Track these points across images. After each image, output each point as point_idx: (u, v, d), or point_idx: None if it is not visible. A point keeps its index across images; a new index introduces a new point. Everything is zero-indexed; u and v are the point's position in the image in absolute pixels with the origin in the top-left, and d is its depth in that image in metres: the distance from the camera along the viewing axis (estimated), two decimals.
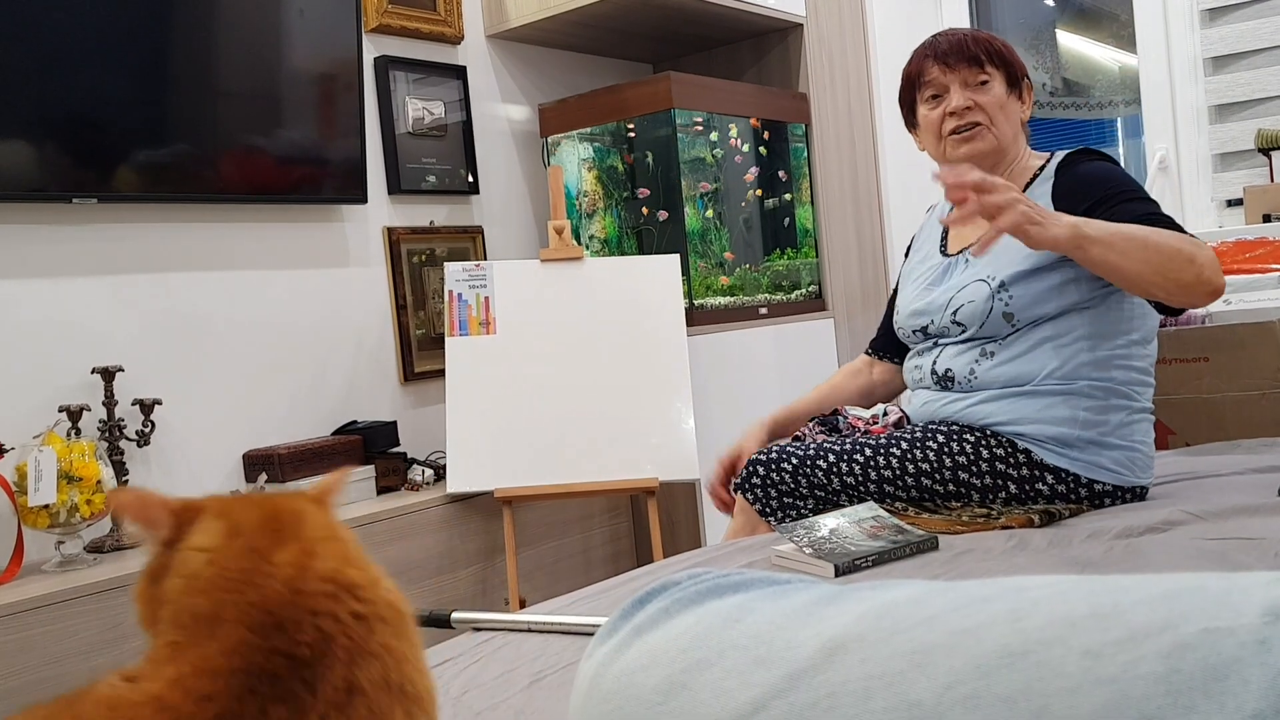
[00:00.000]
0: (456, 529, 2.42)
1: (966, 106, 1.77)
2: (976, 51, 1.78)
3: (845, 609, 0.53)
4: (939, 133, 1.81)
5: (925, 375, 1.81)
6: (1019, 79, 1.81)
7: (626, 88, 2.93)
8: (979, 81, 1.78)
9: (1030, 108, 1.84)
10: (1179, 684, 0.38)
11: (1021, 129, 1.83)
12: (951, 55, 1.78)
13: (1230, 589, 0.43)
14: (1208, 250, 1.53)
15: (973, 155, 1.78)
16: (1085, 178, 1.70)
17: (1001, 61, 1.79)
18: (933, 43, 1.82)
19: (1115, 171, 1.70)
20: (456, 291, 2.54)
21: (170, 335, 2.35)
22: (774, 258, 3.22)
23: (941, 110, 1.79)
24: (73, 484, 1.98)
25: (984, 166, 1.78)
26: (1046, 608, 0.45)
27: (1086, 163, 1.73)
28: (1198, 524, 1.46)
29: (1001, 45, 1.80)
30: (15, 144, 2.04)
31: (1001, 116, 1.77)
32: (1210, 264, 1.51)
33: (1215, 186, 3.26)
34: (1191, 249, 1.51)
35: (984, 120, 1.77)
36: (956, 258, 1.82)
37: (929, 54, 1.81)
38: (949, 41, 1.80)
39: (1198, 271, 1.49)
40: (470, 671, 1.17)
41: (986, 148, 1.78)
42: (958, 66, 1.78)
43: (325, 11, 2.53)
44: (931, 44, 1.82)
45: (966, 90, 1.78)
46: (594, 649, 0.64)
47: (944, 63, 1.79)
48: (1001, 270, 1.70)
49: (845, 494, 1.74)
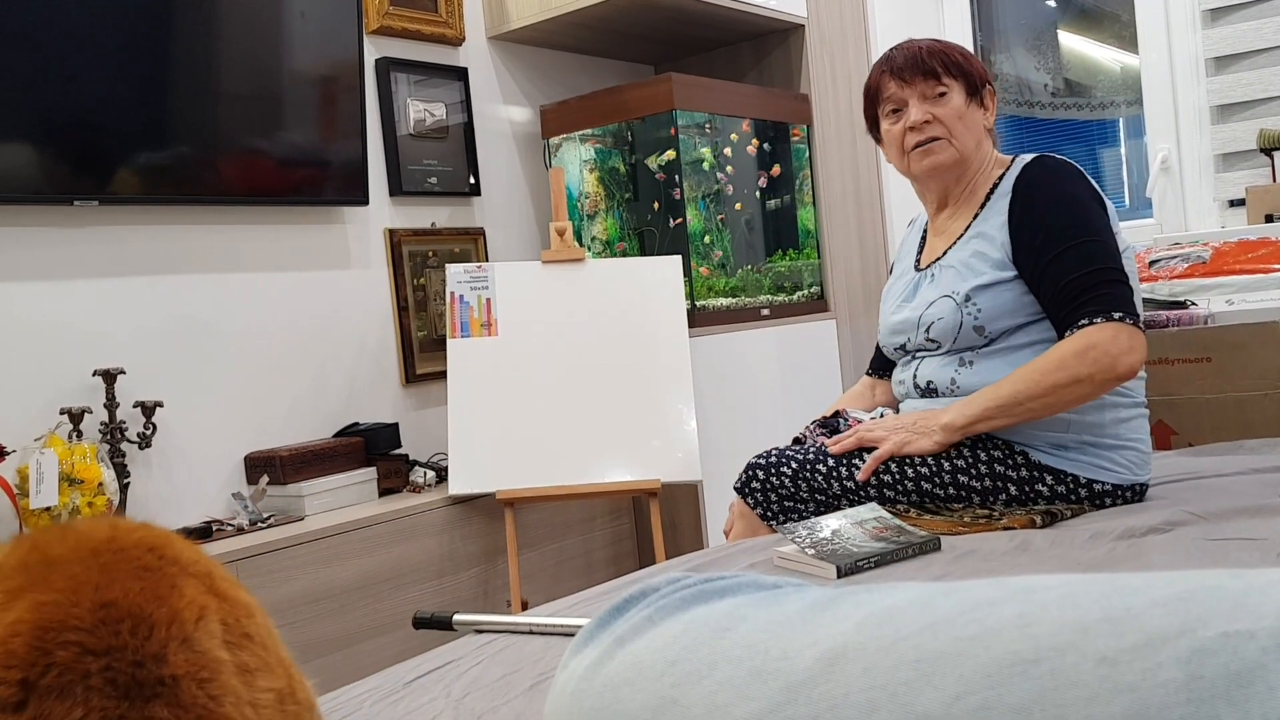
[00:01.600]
0: (458, 531, 2.42)
1: (925, 120, 1.76)
2: (932, 64, 1.77)
3: (843, 615, 0.52)
4: (901, 147, 1.81)
5: (909, 388, 1.82)
6: (979, 87, 1.80)
7: (628, 89, 2.92)
8: (937, 94, 1.77)
9: (994, 113, 1.83)
10: (1200, 691, 0.37)
11: (986, 135, 1.82)
12: (907, 70, 1.78)
13: (1248, 589, 0.42)
14: (1103, 342, 1.57)
15: (934, 168, 1.79)
16: (1035, 214, 1.68)
17: (959, 71, 1.77)
18: (889, 57, 1.82)
19: (1067, 200, 1.67)
20: (458, 293, 2.54)
21: (172, 337, 2.35)
22: (776, 259, 3.22)
23: (902, 125, 1.79)
24: (74, 486, 1.98)
25: (946, 178, 1.81)
26: (1056, 612, 0.43)
27: (1043, 183, 1.70)
28: (1200, 524, 1.45)
29: (959, 55, 1.79)
30: (16, 146, 2.04)
31: (961, 127, 1.76)
32: (1103, 366, 1.57)
33: (1217, 187, 3.26)
34: (1075, 366, 1.57)
35: (943, 133, 1.76)
36: (924, 273, 1.83)
37: (886, 69, 1.81)
38: (904, 55, 1.79)
39: (1090, 387, 1.59)
40: (472, 674, 1.17)
41: (947, 160, 1.78)
42: (914, 80, 1.77)
43: (326, 13, 2.52)
44: (888, 58, 1.82)
45: (925, 103, 1.77)
46: (569, 658, 0.61)
47: (900, 77, 1.79)
48: (964, 284, 1.71)
49: (845, 498, 1.73)
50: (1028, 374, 1.62)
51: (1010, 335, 1.70)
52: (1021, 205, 1.70)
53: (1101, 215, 1.68)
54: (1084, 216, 1.66)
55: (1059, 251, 1.64)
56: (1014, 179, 1.74)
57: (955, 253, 1.77)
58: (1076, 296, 1.61)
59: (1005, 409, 1.63)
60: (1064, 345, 1.61)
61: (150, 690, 0.56)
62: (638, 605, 0.62)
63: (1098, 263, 1.62)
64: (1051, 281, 1.64)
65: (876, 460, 1.70)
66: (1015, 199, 1.71)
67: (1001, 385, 1.65)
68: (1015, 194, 1.72)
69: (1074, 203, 1.67)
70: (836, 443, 1.76)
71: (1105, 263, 1.63)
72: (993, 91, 1.83)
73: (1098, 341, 1.58)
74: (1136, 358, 1.58)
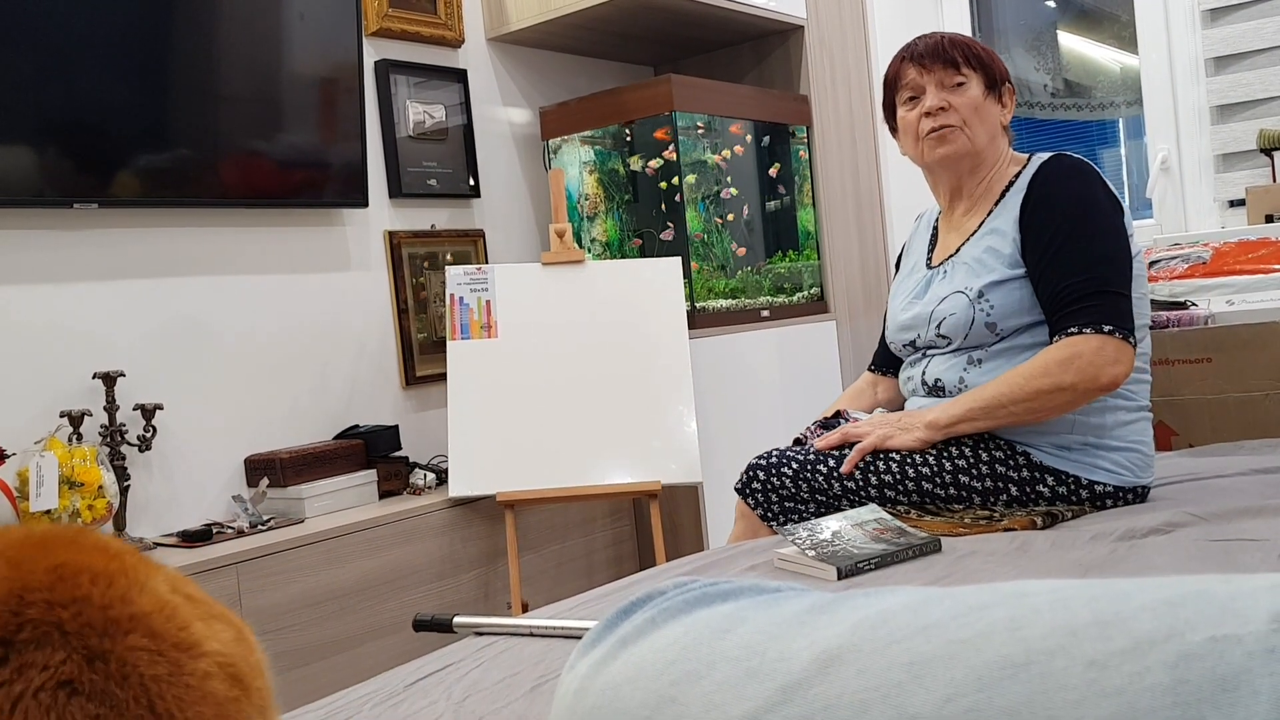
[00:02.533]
0: (458, 533, 2.42)
1: (941, 107, 1.77)
2: (953, 53, 1.78)
3: (839, 618, 0.52)
4: (916, 134, 1.81)
5: (917, 386, 1.82)
6: (998, 82, 1.80)
7: (627, 90, 2.92)
8: (955, 83, 1.77)
9: (1011, 111, 1.84)
10: (1186, 695, 0.37)
11: (1002, 132, 1.82)
12: (928, 56, 1.79)
13: (1235, 594, 0.42)
14: (1088, 352, 1.58)
15: (948, 157, 1.79)
16: (1045, 212, 1.68)
17: (979, 64, 1.78)
18: (910, 45, 1.83)
19: (1077, 200, 1.67)
20: (458, 295, 2.54)
21: (172, 340, 2.35)
22: (776, 260, 3.22)
23: (918, 111, 1.80)
24: (74, 489, 1.98)
25: (959, 169, 1.80)
26: (1047, 616, 0.44)
27: (1058, 180, 1.71)
28: (1201, 525, 1.45)
29: (981, 49, 1.80)
30: (16, 149, 2.04)
31: (976, 119, 1.77)
32: (1087, 376, 1.57)
33: (1217, 187, 3.26)
34: (1058, 374, 1.58)
35: (957, 122, 1.77)
36: (936, 270, 1.83)
37: (906, 56, 1.82)
38: (926, 44, 1.81)
39: (1073, 395, 1.59)
40: (472, 676, 1.17)
41: (961, 150, 1.78)
42: (933, 67, 1.78)
43: (325, 15, 2.53)
44: (909, 46, 1.83)
45: (942, 91, 1.78)
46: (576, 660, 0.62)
47: (920, 64, 1.80)
48: (977, 280, 1.71)
49: (846, 498, 1.73)
50: (1013, 378, 1.63)
51: (1021, 334, 1.69)
52: (1034, 203, 1.70)
53: (1113, 219, 1.67)
54: (1093, 220, 1.65)
55: (1061, 254, 1.64)
56: (1030, 176, 1.74)
57: (969, 249, 1.77)
58: (1071, 303, 1.62)
59: (988, 411, 1.64)
60: (1050, 352, 1.61)
61: (125, 625, 0.59)
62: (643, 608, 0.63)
63: (1097, 270, 1.62)
64: (1049, 283, 1.64)
65: (860, 452, 1.72)
66: (1029, 196, 1.71)
67: (986, 388, 1.65)
68: (1030, 191, 1.71)
69: (1085, 204, 1.67)
70: (823, 440, 1.77)
71: (1104, 271, 1.62)
72: (1012, 90, 1.84)
73: (1083, 351, 1.58)
74: (1121, 370, 1.58)
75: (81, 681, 0.55)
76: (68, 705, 0.55)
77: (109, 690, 0.56)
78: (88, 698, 0.55)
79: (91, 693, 0.56)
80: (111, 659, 0.57)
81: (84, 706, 0.55)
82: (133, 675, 0.57)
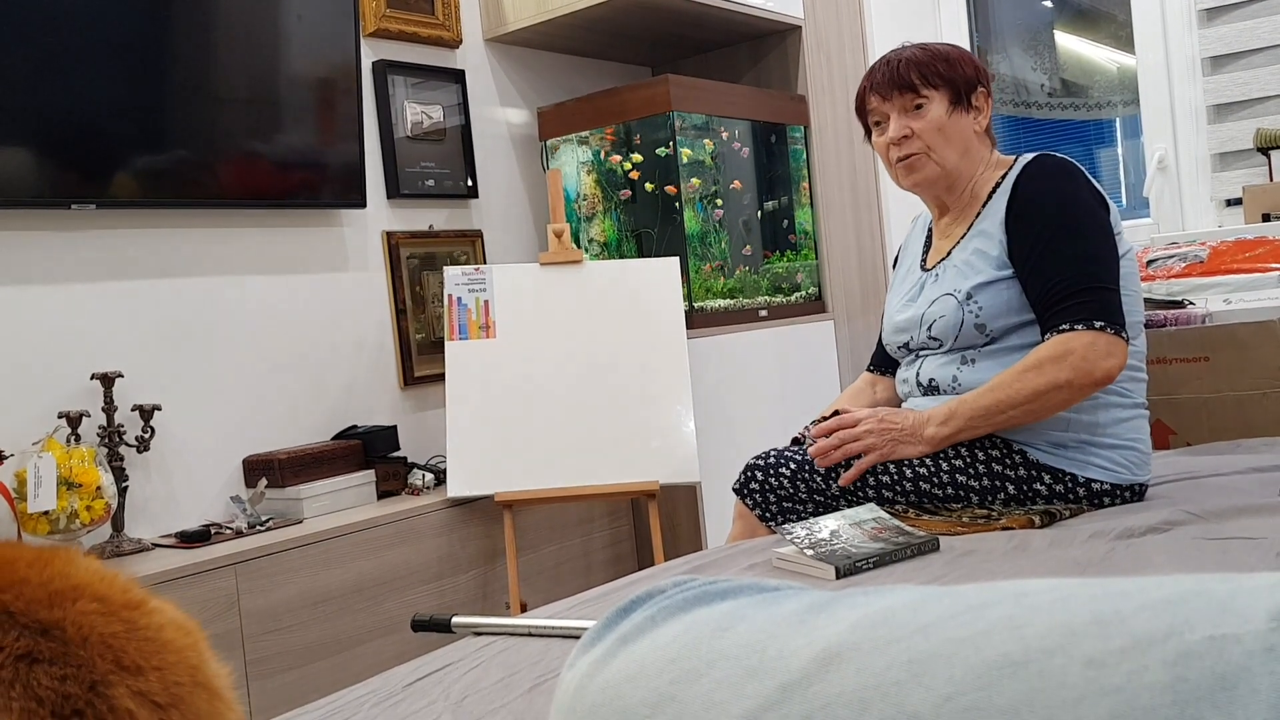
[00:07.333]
0: (457, 533, 2.42)
1: (904, 135, 1.76)
2: (909, 76, 1.76)
3: (839, 616, 0.52)
4: (889, 160, 1.82)
5: (912, 388, 1.82)
6: (966, 92, 1.77)
7: (625, 90, 2.93)
8: (914, 106, 1.76)
9: (988, 114, 1.81)
10: (1185, 694, 0.37)
11: (979, 139, 1.79)
12: (884, 85, 1.78)
13: (1235, 592, 0.42)
14: (1080, 347, 1.58)
15: (919, 184, 1.80)
16: (1030, 212, 1.68)
17: (941, 79, 1.75)
18: (871, 72, 1.83)
19: (1062, 199, 1.67)
20: (456, 295, 2.54)
21: (170, 341, 2.35)
22: (773, 260, 3.22)
23: (885, 139, 1.80)
24: (72, 490, 1.98)
25: (934, 191, 1.82)
26: (1046, 614, 0.44)
27: (1041, 180, 1.70)
28: (1199, 524, 1.45)
29: (941, 64, 1.76)
30: (14, 150, 2.04)
31: (941, 140, 1.75)
32: (1081, 371, 1.58)
33: (1214, 186, 3.26)
34: (1052, 372, 1.58)
35: (921, 149, 1.76)
36: (930, 272, 1.83)
37: (867, 84, 1.82)
38: (884, 71, 1.79)
39: (1069, 392, 1.60)
40: (471, 676, 1.17)
41: (930, 175, 1.78)
42: (891, 95, 1.78)
43: (323, 16, 2.53)
44: (870, 73, 1.83)
45: (904, 117, 1.77)
46: (576, 658, 0.63)
47: (879, 93, 1.79)
48: (966, 282, 1.72)
49: (844, 498, 1.73)
50: (1007, 380, 1.63)
51: (1012, 334, 1.70)
52: (1019, 204, 1.70)
53: (1099, 216, 1.67)
54: (1078, 217, 1.66)
55: (1049, 252, 1.64)
56: (1014, 178, 1.74)
57: (958, 252, 1.77)
58: (1061, 300, 1.62)
59: (988, 417, 1.64)
60: (1041, 350, 1.61)
61: (69, 595, 0.62)
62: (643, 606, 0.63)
63: (1085, 267, 1.62)
64: (1038, 282, 1.64)
65: (860, 469, 1.71)
66: (1014, 198, 1.71)
67: (982, 394, 1.65)
68: (1014, 193, 1.72)
69: (1070, 202, 1.67)
70: (822, 453, 1.74)
71: (1092, 267, 1.62)
72: (987, 93, 1.81)
73: (1075, 347, 1.58)
74: (1115, 363, 1.59)
75: (40, 650, 0.59)
76: (30, 673, 0.58)
77: (70, 652, 0.59)
78: (50, 663, 0.59)
79: (53, 657, 0.59)
80: (66, 624, 0.60)
81: (48, 670, 0.58)
82: (92, 635, 0.60)
